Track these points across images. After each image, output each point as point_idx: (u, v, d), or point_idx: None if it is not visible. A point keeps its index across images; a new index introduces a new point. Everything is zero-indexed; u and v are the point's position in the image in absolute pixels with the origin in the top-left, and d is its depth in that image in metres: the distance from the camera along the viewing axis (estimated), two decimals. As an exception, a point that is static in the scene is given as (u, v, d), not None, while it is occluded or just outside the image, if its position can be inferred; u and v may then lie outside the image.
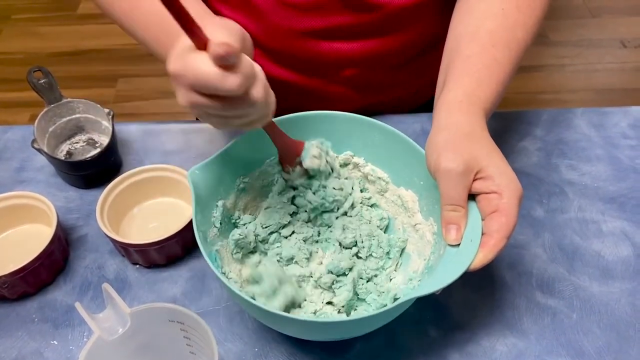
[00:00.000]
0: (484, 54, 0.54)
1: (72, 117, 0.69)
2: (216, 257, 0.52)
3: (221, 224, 0.54)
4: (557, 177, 0.69)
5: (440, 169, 0.47)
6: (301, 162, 0.56)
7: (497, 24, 0.55)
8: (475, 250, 0.45)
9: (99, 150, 0.66)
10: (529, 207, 0.65)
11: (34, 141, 0.65)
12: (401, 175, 0.58)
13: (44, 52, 2.08)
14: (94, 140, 0.71)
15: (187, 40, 0.40)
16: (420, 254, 0.56)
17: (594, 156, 0.71)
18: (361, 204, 0.60)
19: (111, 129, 0.67)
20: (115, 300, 0.42)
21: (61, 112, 0.68)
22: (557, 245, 0.62)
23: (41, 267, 0.57)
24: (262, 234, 0.58)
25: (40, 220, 0.62)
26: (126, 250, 0.59)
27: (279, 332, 0.55)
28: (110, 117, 0.67)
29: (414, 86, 0.79)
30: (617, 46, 2.04)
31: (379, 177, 0.59)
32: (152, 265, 0.61)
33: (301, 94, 0.75)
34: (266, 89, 0.43)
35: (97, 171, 0.67)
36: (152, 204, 0.65)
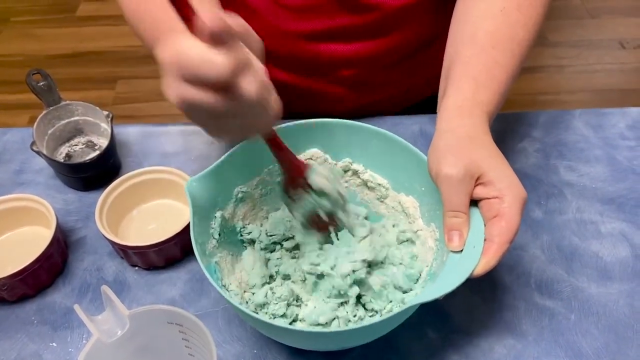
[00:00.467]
0: (484, 56, 0.53)
1: (71, 119, 0.69)
2: (216, 269, 0.52)
3: (220, 235, 0.54)
4: (555, 178, 0.69)
5: (441, 175, 0.47)
6: (306, 183, 0.51)
7: (497, 24, 0.55)
8: (478, 256, 0.45)
9: (98, 152, 0.66)
10: (527, 208, 0.65)
11: (33, 143, 0.65)
12: (401, 181, 0.57)
13: (43, 54, 2.08)
14: (93, 142, 0.71)
15: (182, 28, 0.38)
16: (422, 261, 0.55)
17: (592, 157, 0.71)
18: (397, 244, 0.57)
19: (110, 131, 0.67)
20: (114, 302, 0.42)
21: (60, 114, 0.68)
22: (556, 246, 0.62)
23: (40, 270, 0.57)
24: (265, 241, 0.58)
25: (39, 222, 0.62)
26: (125, 252, 0.59)
27: (278, 334, 0.55)
28: (109, 119, 0.68)
29: (409, 84, 0.79)
30: (616, 47, 2.04)
31: (379, 184, 0.59)
32: (151, 267, 0.61)
33: (298, 95, 0.75)
34: (263, 87, 0.40)
35: (96, 173, 0.67)
36: (151, 206, 0.66)
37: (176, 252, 0.60)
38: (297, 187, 0.52)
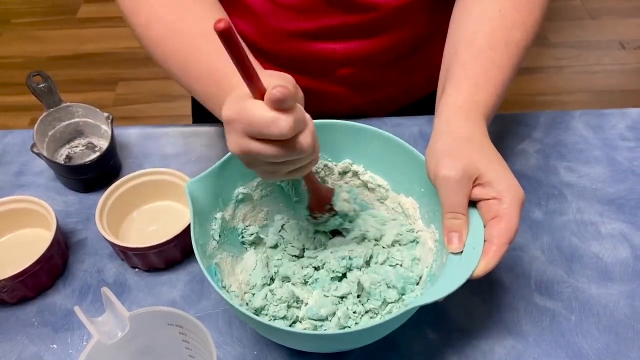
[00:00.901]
0: (482, 57, 0.53)
1: (72, 121, 0.69)
2: (216, 271, 0.52)
3: (220, 236, 0.54)
4: (555, 179, 0.69)
5: (439, 177, 0.47)
6: (331, 207, 0.57)
7: (495, 26, 0.55)
8: (477, 257, 0.45)
9: (98, 154, 0.66)
10: (527, 209, 0.65)
11: (34, 145, 0.65)
12: (401, 182, 0.58)
13: (43, 56, 2.08)
14: (93, 144, 0.71)
15: (243, 90, 0.42)
16: (421, 262, 0.55)
17: (592, 158, 0.71)
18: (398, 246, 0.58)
19: (110, 132, 0.67)
20: (114, 304, 0.42)
21: (60, 116, 0.68)
22: (556, 247, 0.62)
23: (41, 271, 0.57)
24: (270, 242, 0.59)
25: (39, 224, 0.62)
26: (125, 254, 0.59)
27: (278, 335, 0.55)
28: (109, 121, 0.68)
29: (408, 83, 0.79)
30: (616, 48, 2.04)
31: (379, 185, 0.59)
32: (152, 268, 0.61)
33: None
34: (314, 137, 0.44)
35: (96, 175, 0.67)
36: (151, 208, 0.66)
37: (176, 253, 0.60)
38: (322, 210, 0.58)
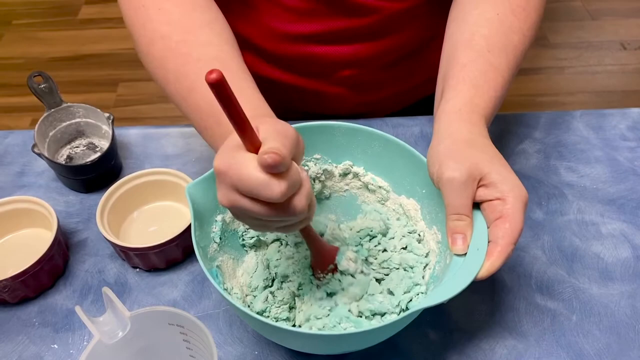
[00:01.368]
0: (480, 60, 0.54)
1: (73, 121, 0.70)
2: (217, 274, 0.52)
3: (221, 239, 0.54)
4: (556, 179, 0.69)
5: (443, 179, 0.47)
6: (334, 267, 0.54)
7: (492, 29, 0.55)
8: (482, 258, 0.45)
9: (99, 154, 0.66)
10: (528, 209, 0.65)
11: (35, 146, 0.65)
12: (402, 183, 0.57)
13: (44, 57, 2.08)
14: (94, 144, 0.71)
15: (237, 140, 0.39)
16: (424, 264, 0.55)
17: (593, 158, 0.71)
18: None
19: (111, 133, 0.67)
20: (115, 303, 0.42)
21: (61, 116, 0.69)
22: (557, 247, 0.62)
23: (41, 271, 0.57)
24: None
25: (40, 224, 0.62)
26: (126, 254, 0.59)
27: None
28: (110, 121, 0.68)
29: (409, 83, 0.79)
30: (616, 48, 2.04)
31: (380, 186, 0.59)
32: (152, 268, 0.61)
33: (298, 95, 0.76)
34: (309, 197, 0.42)
35: (97, 175, 0.67)
36: (152, 208, 0.66)
37: (177, 253, 0.60)
38: (325, 271, 0.54)
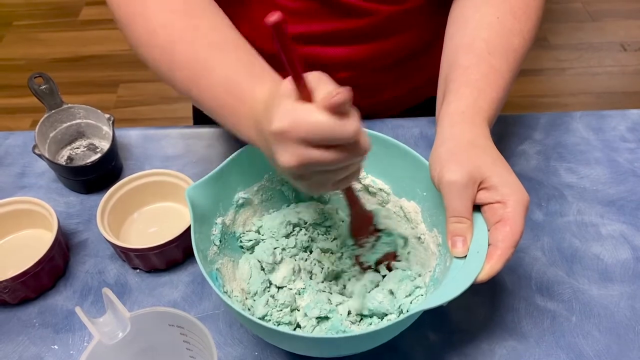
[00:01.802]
0: (482, 63, 0.54)
1: (73, 122, 0.70)
2: (217, 276, 0.52)
3: (221, 241, 0.54)
4: (556, 180, 0.69)
5: (443, 181, 0.47)
6: (374, 229, 0.55)
7: (493, 32, 0.56)
8: (482, 261, 0.45)
9: (99, 155, 0.66)
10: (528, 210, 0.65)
11: (35, 147, 0.65)
12: (403, 186, 0.57)
13: (45, 58, 2.09)
14: (94, 145, 0.71)
15: (285, 97, 0.39)
16: (424, 266, 0.55)
17: (592, 159, 0.71)
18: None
19: (112, 134, 0.67)
20: (115, 304, 0.42)
21: (62, 117, 0.69)
22: (557, 248, 0.62)
23: (42, 272, 0.57)
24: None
25: (41, 225, 0.62)
26: (126, 254, 0.59)
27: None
28: (110, 122, 0.68)
29: (408, 86, 0.79)
30: (617, 49, 2.04)
31: (380, 189, 0.59)
32: (152, 269, 0.61)
33: None
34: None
35: (97, 176, 0.67)
36: (152, 209, 0.66)
37: (177, 254, 0.60)
38: (366, 234, 0.55)
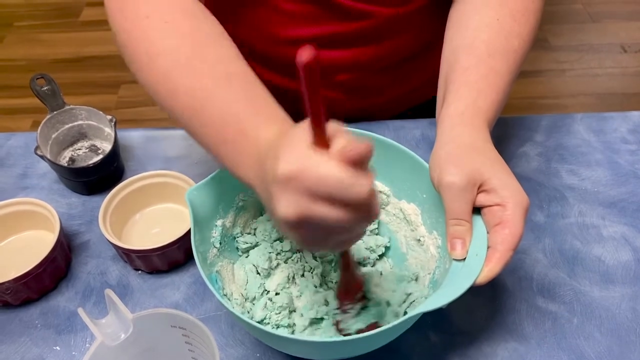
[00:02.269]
0: (481, 64, 0.54)
1: (75, 123, 0.70)
2: (217, 279, 0.52)
3: (221, 243, 0.54)
4: (557, 182, 0.69)
5: (443, 184, 0.47)
6: (362, 296, 0.52)
7: (493, 34, 0.56)
8: (481, 264, 0.45)
9: (101, 156, 0.66)
10: (529, 212, 0.65)
11: (37, 148, 0.65)
12: (403, 188, 0.57)
13: (46, 58, 2.09)
14: (96, 146, 0.71)
15: (298, 140, 0.35)
16: (424, 268, 0.55)
17: (593, 161, 0.71)
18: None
19: (113, 135, 0.67)
20: (117, 305, 0.42)
21: (64, 118, 0.69)
22: (558, 250, 0.62)
23: (44, 273, 0.57)
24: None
25: (43, 226, 0.62)
26: (128, 256, 0.59)
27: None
28: (112, 123, 0.68)
29: (408, 88, 0.79)
30: (617, 51, 2.04)
31: (380, 191, 0.59)
32: (154, 271, 0.61)
33: (295, 99, 0.76)
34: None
35: (99, 177, 0.67)
36: (154, 210, 0.66)
37: (179, 256, 0.61)
38: (352, 300, 0.52)
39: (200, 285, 0.60)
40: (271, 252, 0.57)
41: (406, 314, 0.52)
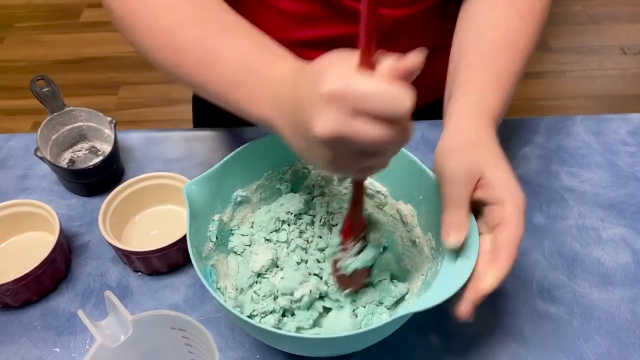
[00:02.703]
0: (488, 62, 0.54)
1: (75, 125, 0.70)
2: (211, 272, 0.52)
3: (217, 238, 0.54)
4: (557, 184, 0.69)
5: (444, 171, 0.47)
6: (364, 236, 0.52)
7: (500, 32, 0.56)
8: (471, 266, 0.45)
9: (101, 158, 0.66)
10: (529, 214, 0.65)
11: (37, 149, 0.65)
12: (400, 189, 0.58)
13: (46, 60, 2.09)
14: (96, 148, 0.71)
15: (343, 60, 0.37)
16: (417, 269, 0.56)
17: (593, 163, 0.71)
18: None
19: (113, 137, 0.67)
20: (117, 307, 0.42)
21: (64, 120, 0.69)
22: (557, 252, 0.62)
23: (44, 275, 0.57)
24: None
25: (43, 227, 0.62)
26: (128, 257, 0.59)
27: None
28: (112, 125, 0.68)
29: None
30: (617, 53, 2.05)
31: (378, 191, 0.59)
32: (154, 272, 0.61)
33: None
34: None
35: (99, 179, 0.67)
36: (153, 212, 0.66)
37: (179, 257, 0.61)
38: (355, 238, 0.51)
39: (200, 286, 0.60)
40: (253, 235, 0.58)
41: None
